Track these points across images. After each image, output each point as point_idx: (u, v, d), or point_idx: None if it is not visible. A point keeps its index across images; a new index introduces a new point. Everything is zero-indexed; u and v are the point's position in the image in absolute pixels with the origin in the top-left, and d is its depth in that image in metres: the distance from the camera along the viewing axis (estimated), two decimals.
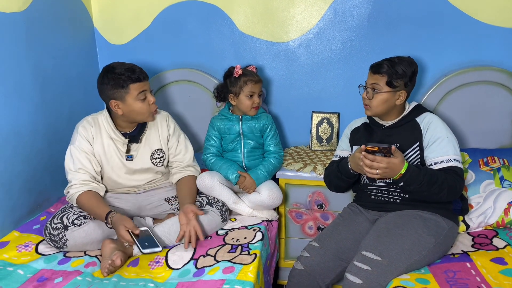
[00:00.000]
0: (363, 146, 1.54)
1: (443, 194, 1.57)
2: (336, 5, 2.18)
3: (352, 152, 1.86)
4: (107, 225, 1.63)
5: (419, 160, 1.68)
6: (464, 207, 1.74)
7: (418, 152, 1.68)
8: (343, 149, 1.90)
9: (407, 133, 1.71)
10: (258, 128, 2.01)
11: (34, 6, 1.90)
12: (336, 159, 1.90)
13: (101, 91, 1.71)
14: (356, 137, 1.85)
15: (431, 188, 1.55)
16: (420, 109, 1.77)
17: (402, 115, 1.75)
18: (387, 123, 1.76)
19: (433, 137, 1.66)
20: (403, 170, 1.51)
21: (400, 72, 1.66)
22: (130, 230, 1.55)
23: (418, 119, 1.73)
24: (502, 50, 2.10)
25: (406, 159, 1.66)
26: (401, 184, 1.60)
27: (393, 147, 1.51)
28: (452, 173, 1.59)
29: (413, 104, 1.79)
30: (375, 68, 1.70)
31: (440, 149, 1.63)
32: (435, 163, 1.62)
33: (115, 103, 1.69)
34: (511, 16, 2.06)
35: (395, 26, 2.16)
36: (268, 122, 2.02)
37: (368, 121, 1.85)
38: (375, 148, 1.51)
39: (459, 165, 1.62)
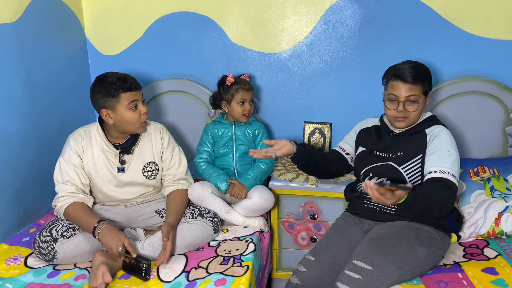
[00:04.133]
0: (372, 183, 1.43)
1: (435, 214, 1.59)
2: (327, 16, 2.21)
3: (353, 149, 1.90)
4: (94, 236, 1.59)
5: (420, 171, 1.67)
6: (457, 228, 1.73)
7: (420, 164, 1.67)
8: (347, 143, 1.94)
9: (414, 143, 1.69)
10: (250, 133, 2.07)
11: (25, 17, 1.90)
12: (336, 148, 1.96)
13: (93, 100, 1.71)
14: (364, 138, 1.84)
15: (424, 213, 1.57)
16: (433, 121, 1.73)
17: (415, 124, 1.73)
18: (398, 130, 1.74)
19: (434, 148, 1.63)
20: (402, 200, 1.46)
21: (429, 77, 1.67)
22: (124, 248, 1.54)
23: (427, 130, 1.70)
24: (491, 61, 2.13)
25: (408, 169, 1.67)
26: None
27: (410, 185, 1.44)
28: (443, 186, 1.55)
29: (428, 114, 1.77)
30: (413, 79, 1.62)
31: (437, 160, 1.60)
32: (428, 172, 1.61)
33: (106, 112, 1.69)
34: (499, 27, 2.09)
35: (385, 37, 2.18)
36: (260, 128, 2.09)
37: (379, 124, 1.85)
38: (394, 189, 1.42)
39: (453, 179, 1.57)
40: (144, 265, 1.52)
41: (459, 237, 1.77)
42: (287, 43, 2.28)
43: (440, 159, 1.60)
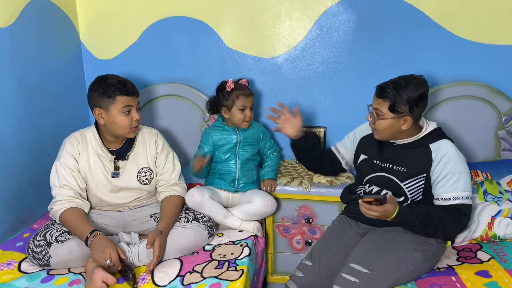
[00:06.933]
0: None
1: (440, 234, 1.56)
2: (321, 21, 2.22)
3: (350, 154, 1.88)
4: (86, 245, 1.58)
5: (422, 188, 1.63)
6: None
7: (424, 182, 1.62)
8: (344, 147, 1.91)
9: (417, 159, 1.62)
10: (253, 137, 2.06)
11: (20, 21, 1.89)
12: (333, 148, 1.95)
13: (89, 98, 1.72)
14: (366, 147, 1.80)
15: (425, 228, 1.54)
16: (437, 134, 1.65)
17: (417, 137, 1.65)
18: (399, 141, 1.67)
19: (444, 171, 1.57)
20: (394, 214, 1.52)
21: (404, 98, 1.55)
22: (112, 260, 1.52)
23: (432, 146, 1.62)
24: (483, 65, 2.16)
25: (410, 186, 1.64)
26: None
27: (388, 196, 1.51)
28: (456, 211, 1.54)
29: (432, 126, 1.67)
30: (379, 92, 1.60)
31: (449, 185, 1.56)
32: (442, 199, 1.57)
33: (98, 111, 1.69)
34: (491, 32, 2.12)
35: (378, 42, 2.20)
36: (260, 129, 2.11)
37: None
38: (371, 200, 1.52)
39: (467, 201, 1.55)
40: (130, 275, 1.50)
41: (453, 241, 1.78)
42: (282, 47, 2.29)
43: (452, 183, 1.56)
